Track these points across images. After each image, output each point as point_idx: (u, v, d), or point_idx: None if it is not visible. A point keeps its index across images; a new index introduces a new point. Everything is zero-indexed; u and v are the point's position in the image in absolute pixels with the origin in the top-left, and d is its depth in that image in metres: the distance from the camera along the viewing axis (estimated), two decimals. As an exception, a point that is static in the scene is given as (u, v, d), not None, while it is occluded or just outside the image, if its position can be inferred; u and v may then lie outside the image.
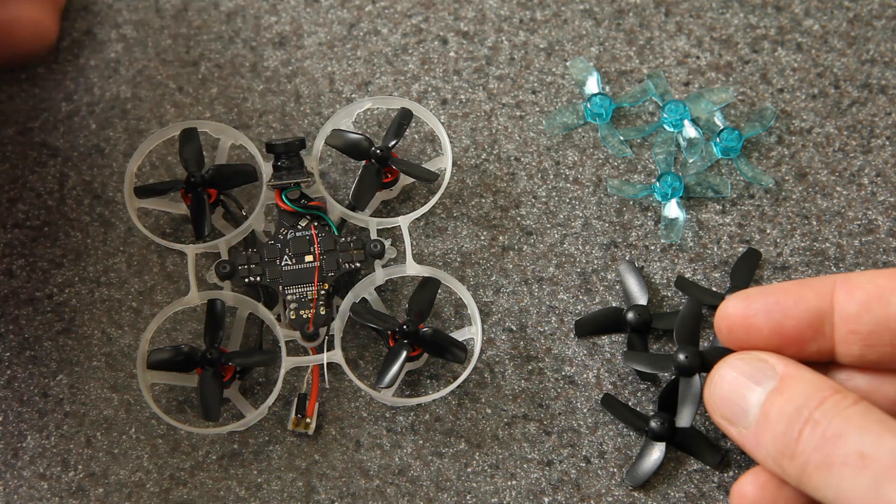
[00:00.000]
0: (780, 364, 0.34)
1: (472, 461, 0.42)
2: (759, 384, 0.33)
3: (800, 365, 0.34)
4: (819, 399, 0.32)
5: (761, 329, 0.35)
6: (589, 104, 0.47)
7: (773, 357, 0.34)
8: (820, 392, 0.32)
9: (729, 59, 0.49)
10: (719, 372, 0.35)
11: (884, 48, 0.49)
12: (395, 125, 0.45)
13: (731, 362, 0.35)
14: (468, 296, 0.43)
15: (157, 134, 0.45)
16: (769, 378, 0.33)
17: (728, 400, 0.34)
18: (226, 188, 0.45)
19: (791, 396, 0.33)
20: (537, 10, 0.50)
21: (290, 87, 0.48)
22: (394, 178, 0.45)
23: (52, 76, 0.49)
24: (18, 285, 0.45)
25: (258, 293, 0.44)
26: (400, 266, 0.43)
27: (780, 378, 0.33)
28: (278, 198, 0.44)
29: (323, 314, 0.42)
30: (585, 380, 0.43)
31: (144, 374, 0.41)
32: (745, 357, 0.35)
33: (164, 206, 0.45)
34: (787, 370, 0.33)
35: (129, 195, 0.44)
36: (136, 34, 0.50)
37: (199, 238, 0.43)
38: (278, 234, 0.44)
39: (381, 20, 0.50)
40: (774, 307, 0.35)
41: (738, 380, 0.34)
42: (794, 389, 0.33)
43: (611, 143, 0.47)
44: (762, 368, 0.34)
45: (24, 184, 0.47)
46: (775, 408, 0.33)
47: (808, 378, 0.33)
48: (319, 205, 0.44)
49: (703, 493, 0.41)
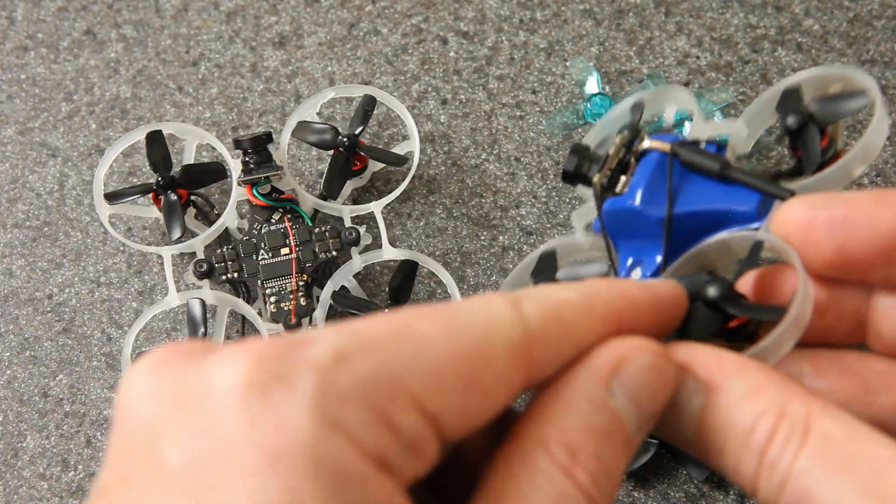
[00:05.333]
0: (704, 371, 0.26)
1: (472, 461, 0.42)
2: (686, 395, 0.26)
3: (732, 365, 0.26)
4: (768, 426, 0.25)
5: (822, 247, 0.29)
6: (589, 104, 0.47)
7: (697, 359, 0.26)
8: (768, 412, 0.25)
9: (729, 59, 0.49)
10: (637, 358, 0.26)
11: (884, 48, 0.49)
12: (360, 112, 0.45)
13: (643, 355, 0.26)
14: (446, 274, 0.43)
15: (123, 139, 0.45)
16: (693, 391, 0.26)
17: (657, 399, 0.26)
18: (196, 188, 0.45)
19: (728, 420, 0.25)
20: (537, 10, 0.50)
21: (290, 87, 0.48)
22: (363, 166, 0.45)
23: (52, 76, 0.49)
24: (18, 285, 0.45)
25: (238, 290, 0.44)
26: (376, 251, 0.44)
27: (708, 394, 0.26)
28: (250, 193, 0.44)
29: (304, 305, 0.43)
30: (585, 380, 0.43)
31: None
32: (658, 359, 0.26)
33: (135, 211, 0.46)
34: (713, 380, 0.26)
35: (98, 202, 0.44)
36: (136, 34, 0.50)
37: (173, 240, 0.43)
38: (252, 229, 0.44)
39: (381, 20, 0.50)
40: (841, 226, 0.29)
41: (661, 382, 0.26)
42: (732, 409, 0.25)
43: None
44: (680, 380, 0.26)
45: (24, 184, 0.47)
46: (711, 432, 0.26)
47: (743, 390, 0.26)
48: (291, 197, 0.44)
49: (703, 493, 0.41)
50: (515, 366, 0.24)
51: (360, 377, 0.22)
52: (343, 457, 0.21)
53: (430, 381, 0.23)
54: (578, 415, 0.25)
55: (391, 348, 0.23)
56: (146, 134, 0.44)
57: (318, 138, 0.44)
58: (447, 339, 0.23)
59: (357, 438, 0.22)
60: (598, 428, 0.25)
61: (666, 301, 0.28)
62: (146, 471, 0.22)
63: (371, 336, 0.23)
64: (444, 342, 0.23)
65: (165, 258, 0.43)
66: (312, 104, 0.46)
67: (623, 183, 0.30)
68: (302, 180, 0.47)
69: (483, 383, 0.24)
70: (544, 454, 0.24)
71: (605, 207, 0.30)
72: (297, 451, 0.21)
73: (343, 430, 0.22)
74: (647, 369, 0.26)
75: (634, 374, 0.25)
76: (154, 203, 0.44)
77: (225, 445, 0.21)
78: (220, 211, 0.45)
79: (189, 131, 0.45)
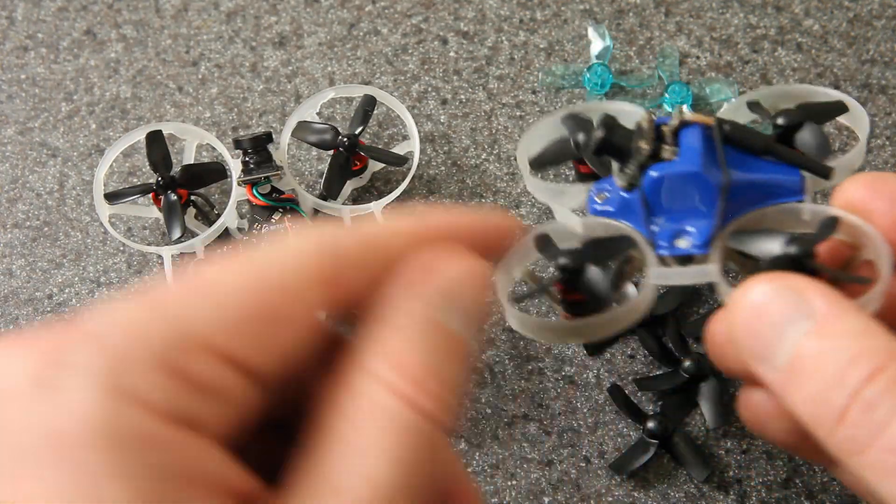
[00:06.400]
0: (821, 301, 0.26)
1: (472, 461, 0.42)
2: (792, 322, 0.26)
3: (846, 304, 0.26)
4: (871, 366, 0.25)
5: (882, 220, 0.29)
6: (589, 73, 0.47)
7: (812, 289, 0.26)
8: (873, 355, 0.25)
9: (729, 59, 0.49)
10: (745, 295, 0.27)
11: (884, 48, 0.49)
12: (360, 112, 0.45)
13: (759, 286, 0.27)
14: None
15: (123, 139, 0.45)
16: (803, 316, 0.26)
17: (753, 331, 0.27)
18: (196, 188, 0.45)
19: (833, 350, 0.25)
20: (537, 10, 0.50)
21: (290, 87, 0.48)
22: (363, 166, 0.45)
23: (52, 76, 0.49)
24: (18, 285, 0.45)
25: None
26: None
27: (819, 321, 0.26)
28: (250, 193, 0.44)
29: None
30: (585, 380, 0.43)
31: None
32: (776, 283, 0.27)
33: (135, 211, 0.46)
34: (829, 311, 0.26)
35: (98, 202, 0.44)
36: (136, 34, 0.50)
37: (173, 240, 0.43)
38: (252, 229, 0.44)
39: (381, 20, 0.50)
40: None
41: (769, 310, 0.27)
42: (838, 341, 0.25)
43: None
44: (797, 303, 0.26)
45: (24, 184, 0.47)
46: (810, 358, 0.25)
47: (856, 329, 0.25)
48: (291, 197, 0.44)
49: (702, 493, 0.41)
50: (313, 287, 0.23)
51: (144, 340, 0.22)
52: (135, 424, 0.21)
53: (218, 322, 0.22)
54: (412, 339, 0.24)
55: (180, 302, 0.22)
56: (146, 134, 0.44)
57: (318, 138, 0.44)
58: (236, 278, 0.23)
59: (149, 401, 0.21)
60: (429, 343, 0.24)
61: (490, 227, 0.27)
62: None
63: (156, 296, 0.23)
64: (233, 281, 0.23)
65: (165, 258, 0.43)
66: (312, 104, 0.46)
67: (670, 151, 0.30)
68: (302, 180, 0.47)
69: (279, 311, 0.23)
70: (372, 380, 0.23)
71: (655, 174, 0.30)
72: (86, 429, 0.21)
73: (132, 397, 0.21)
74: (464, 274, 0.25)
75: (453, 281, 0.25)
76: (154, 203, 0.44)
77: (14, 440, 0.21)
78: (220, 211, 0.45)
79: (189, 131, 0.45)
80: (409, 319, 0.24)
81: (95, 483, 0.20)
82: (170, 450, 0.21)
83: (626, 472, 0.41)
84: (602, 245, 0.31)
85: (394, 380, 0.23)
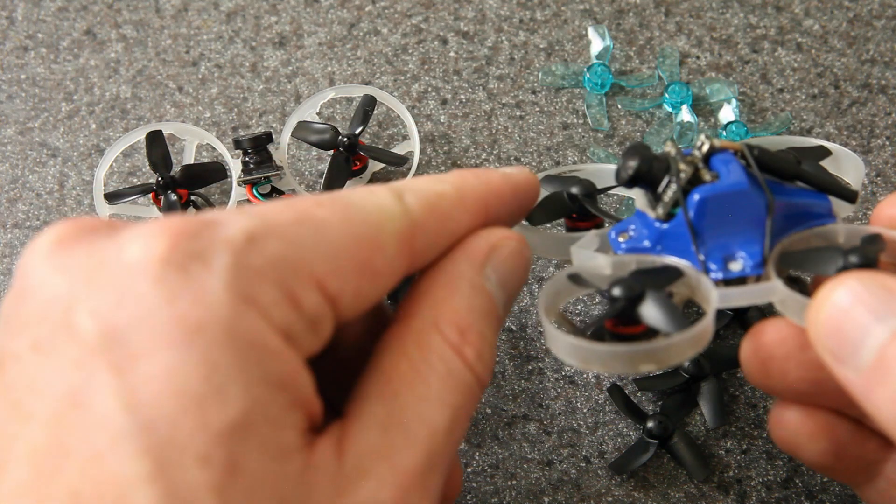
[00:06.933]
0: None
1: (472, 461, 0.42)
2: (881, 320, 0.25)
3: None
4: None
5: None
6: (589, 73, 0.47)
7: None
8: None
9: (729, 59, 0.49)
10: (832, 294, 0.27)
11: (884, 48, 0.49)
12: (360, 112, 0.45)
13: (848, 283, 0.27)
14: None
15: (123, 139, 0.45)
16: (893, 314, 0.25)
17: (837, 330, 0.26)
18: (196, 188, 0.45)
19: None
20: (537, 10, 0.50)
21: (290, 87, 0.48)
22: (363, 166, 0.45)
23: (52, 76, 0.49)
24: (18, 285, 0.45)
25: None
26: None
27: None
28: (250, 193, 0.44)
29: None
30: (585, 380, 0.43)
31: None
32: (867, 281, 0.26)
33: (135, 211, 0.46)
34: None
35: (98, 202, 0.44)
36: (136, 34, 0.50)
37: None
38: None
39: (381, 20, 0.50)
40: None
41: (855, 307, 0.26)
42: None
43: (592, 113, 0.47)
44: (887, 300, 0.26)
45: (24, 184, 0.47)
46: None
47: None
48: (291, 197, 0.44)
49: (703, 493, 0.41)
50: (401, 252, 0.27)
51: (270, 257, 0.24)
52: (257, 330, 0.23)
53: (330, 263, 0.25)
54: (462, 297, 0.28)
55: (295, 232, 0.25)
56: (146, 134, 0.44)
57: (318, 138, 0.44)
58: (344, 226, 0.25)
59: (269, 314, 0.23)
60: (479, 308, 0.28)
61: (522, 186, 0.31)
62: (60, 341, 0.22)
63: (277, 220, 0.25)
64: (341, 228, 0.25)
65: None
66: (312, 104, 0.46)
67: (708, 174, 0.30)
68: (302, 180, 0.47)
69: (375, 267, 0.26)
70: (436, 333, 0.27)
71: (701, 195, 0.30)
72: (214, 324, 0.22)
73: (257, 306, 0.23)
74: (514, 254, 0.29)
75: (504, 260, 0.29)
76: (154, 203, 0.44)
77: (143, 318, 0.22)
78: (220, 211, 0.45)
79: (189, 131, 0.45)
80: (472, 290, 0.28)
81: (219, 379, 0.22)
82: (279, 361, 0.23)
83: (626, 472, 0.41)
84: (649, 275, 0.30)
85: (452, 336, 0.27)
